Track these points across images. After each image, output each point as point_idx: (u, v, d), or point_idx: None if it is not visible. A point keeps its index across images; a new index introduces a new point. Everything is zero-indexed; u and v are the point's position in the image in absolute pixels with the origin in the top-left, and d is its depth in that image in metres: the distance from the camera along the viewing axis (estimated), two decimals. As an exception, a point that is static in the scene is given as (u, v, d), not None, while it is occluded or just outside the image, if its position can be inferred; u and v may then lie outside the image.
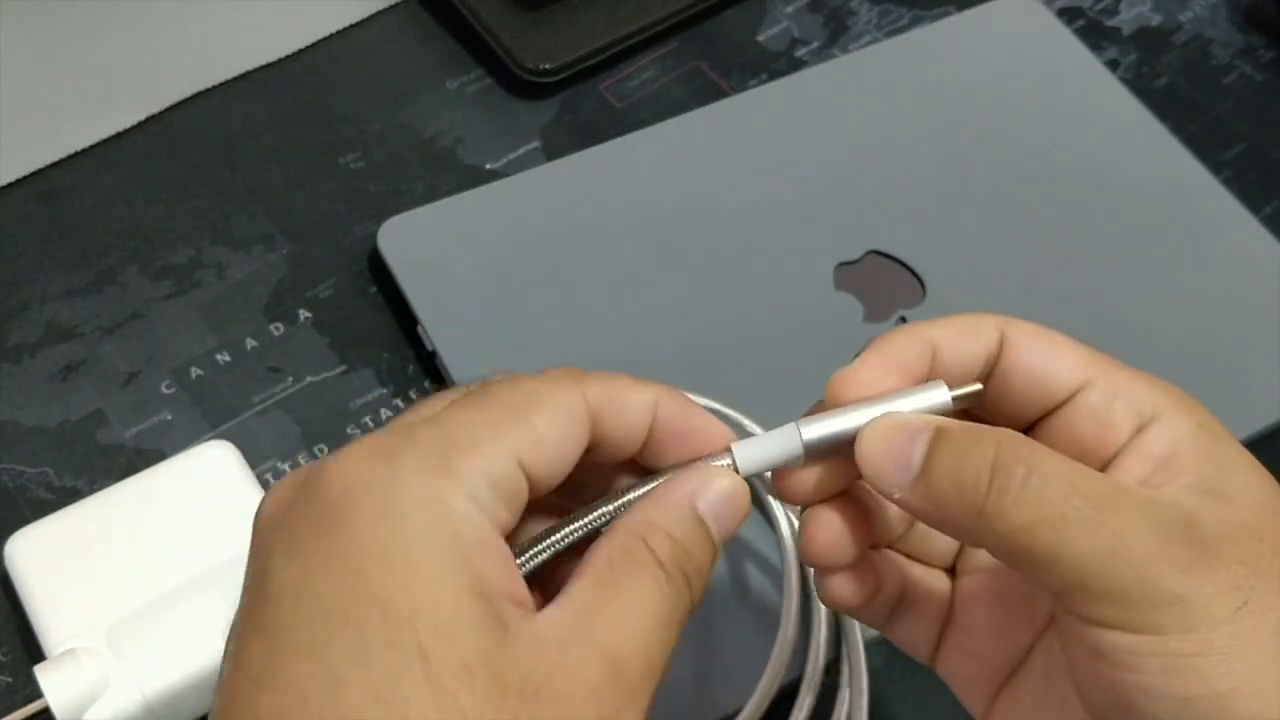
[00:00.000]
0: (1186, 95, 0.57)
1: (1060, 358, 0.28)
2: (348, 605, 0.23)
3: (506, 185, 0.49)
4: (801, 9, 0.58)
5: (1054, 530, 0.24)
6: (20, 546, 0.39)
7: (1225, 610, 0.23)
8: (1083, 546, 0.24)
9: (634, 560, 0.26)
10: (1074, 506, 0.24)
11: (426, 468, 0.25)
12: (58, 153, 0.50)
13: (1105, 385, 0.27)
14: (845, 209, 0.49)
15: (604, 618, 0.25)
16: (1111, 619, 0.24)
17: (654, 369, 0.44)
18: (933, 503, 0.25)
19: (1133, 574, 0.24)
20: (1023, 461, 0.25)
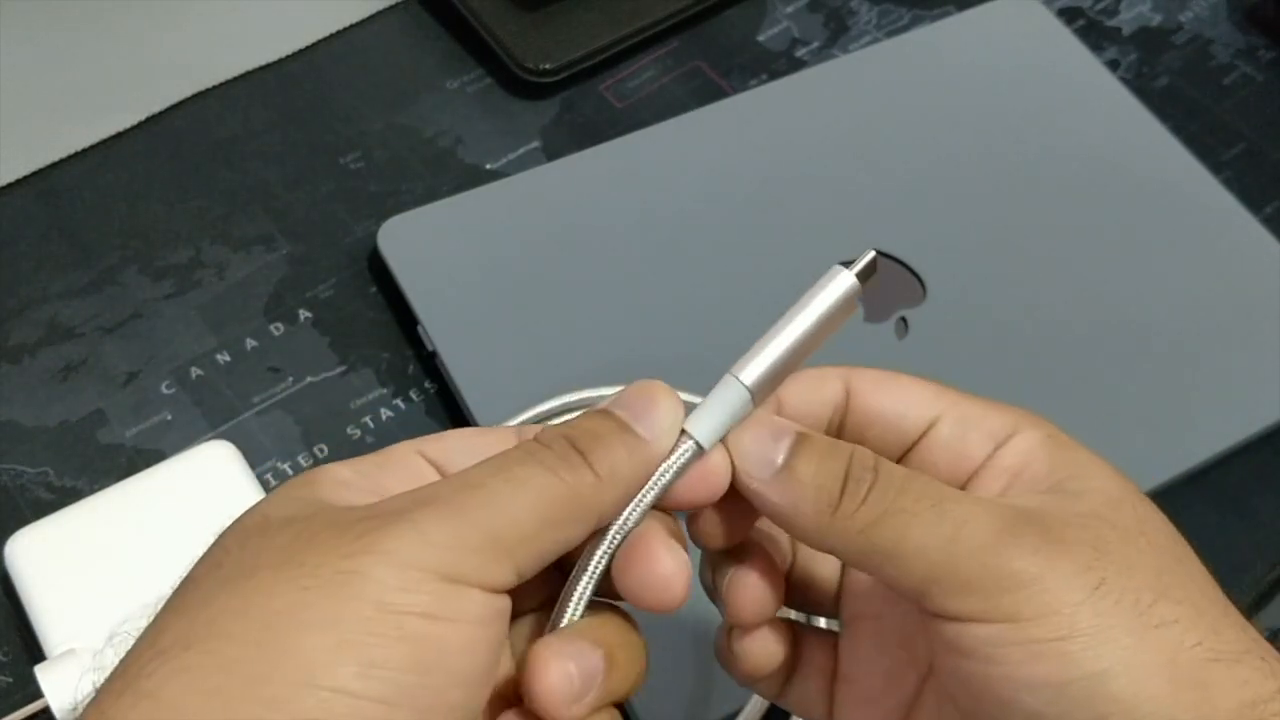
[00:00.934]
0: (1186, 95, 0.57)
1: (907, 398, 0.28)
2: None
3: (506, 185, 0.49)
4: (801, 9, 0.58)
5: (898, 524, 0.25)
6: (20, 546, 0.39)
7: (1082, 591, 0.24)
8: (925, 537, 0.25)
9: (521, 451, 0.26)
10: (912, 500, 0.25)
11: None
12: (58, 153, 0.50)
13: (956, 416, 0.28)
14: (845, 209, 0.49)
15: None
16: (968, 611, 0.24)
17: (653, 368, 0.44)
18: (788, 497, 0.26)
19: (977, 560, 0.24)
20: (870, 469, 0.26)
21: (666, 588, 0.26)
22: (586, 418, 0.27)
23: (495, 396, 0.43)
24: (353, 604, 0.22)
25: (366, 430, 0.45)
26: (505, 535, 0.24)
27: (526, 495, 0.24)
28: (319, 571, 0.22)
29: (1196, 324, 0.47)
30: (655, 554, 0.26)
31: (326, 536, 0.23)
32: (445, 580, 0.23)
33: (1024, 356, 0.46)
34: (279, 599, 0.22)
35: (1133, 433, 0.45)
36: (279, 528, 0.24)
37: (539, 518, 0.24)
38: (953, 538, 0.24)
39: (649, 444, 0.26)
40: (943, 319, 0.47)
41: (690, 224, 0.48)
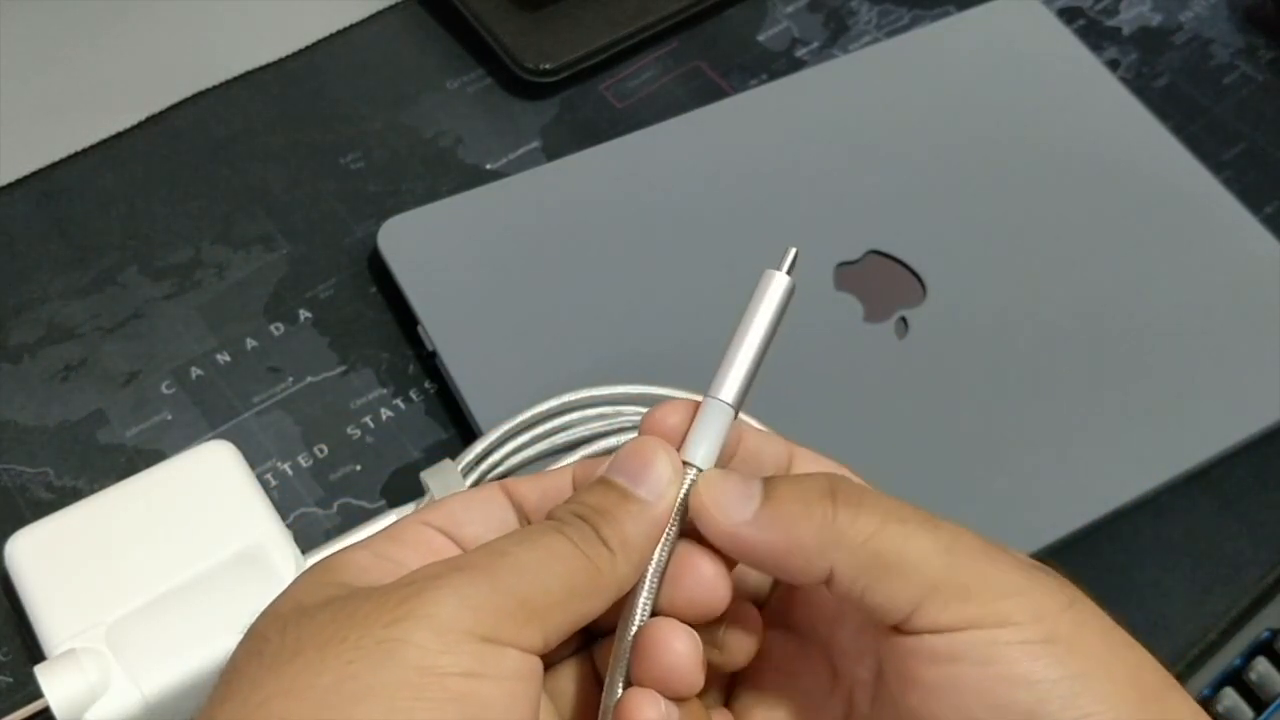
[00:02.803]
0: (1186, 95, 0.57)
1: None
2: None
3: (506, 185, 0.49)
4: (801, 9, 0.58)
5: (899, 532, 0.25)
6: (20, 546, 0.39)
7: (1060, 603, 0.25)
8: (927, 545, 0.25)
9: (536, 528, 0.26)
10: (908, 513, 0.26)
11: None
12: (58, 153, 0.50)
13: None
14: (845, 209, 0.49)
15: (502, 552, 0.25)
16: (965, 618, 0.25)
17: (653, 368, 0.44)
18: (780, 528, 0.26)
19: (976, 568, 0.25)
20: (854, 484, 0.27)
21: (714, 590, 0.27)
22: (590, 492, 0.27)
23: (495, 396, 0.43)
24: (397, 670, 0.23)
25: (366, 430, 0.45)
26: (536, 602, 0.24)
27: (555, 565, 0.25)
28: (362, 643, 0.23)
29: (1196, 324, 0.47)
30: (695, 564, 0.27)
31: (368, 610, 0.23)
32: (484, 641, 0.23)
33: (1024, 356, 0.46)
34: (326, 675, 0.23)
35: (1133, 433, 0.45)
36: (317, 609, 0.24)
37: (566, 587, 0.25)
38: (950, 547, 0.25)
39: (653, 505, 0.27)
40: (943, 319, 0.47)
41: (690, 224, 0.48)
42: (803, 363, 0.45)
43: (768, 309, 0.30)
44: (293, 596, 0.25)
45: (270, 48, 0.54)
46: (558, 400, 0.42)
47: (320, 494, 0.44)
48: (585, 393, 0.42)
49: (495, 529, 0.28)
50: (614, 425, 0.42)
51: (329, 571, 0.26)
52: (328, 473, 0.44)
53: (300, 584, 0.26)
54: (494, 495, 0.28)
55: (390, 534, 0.27)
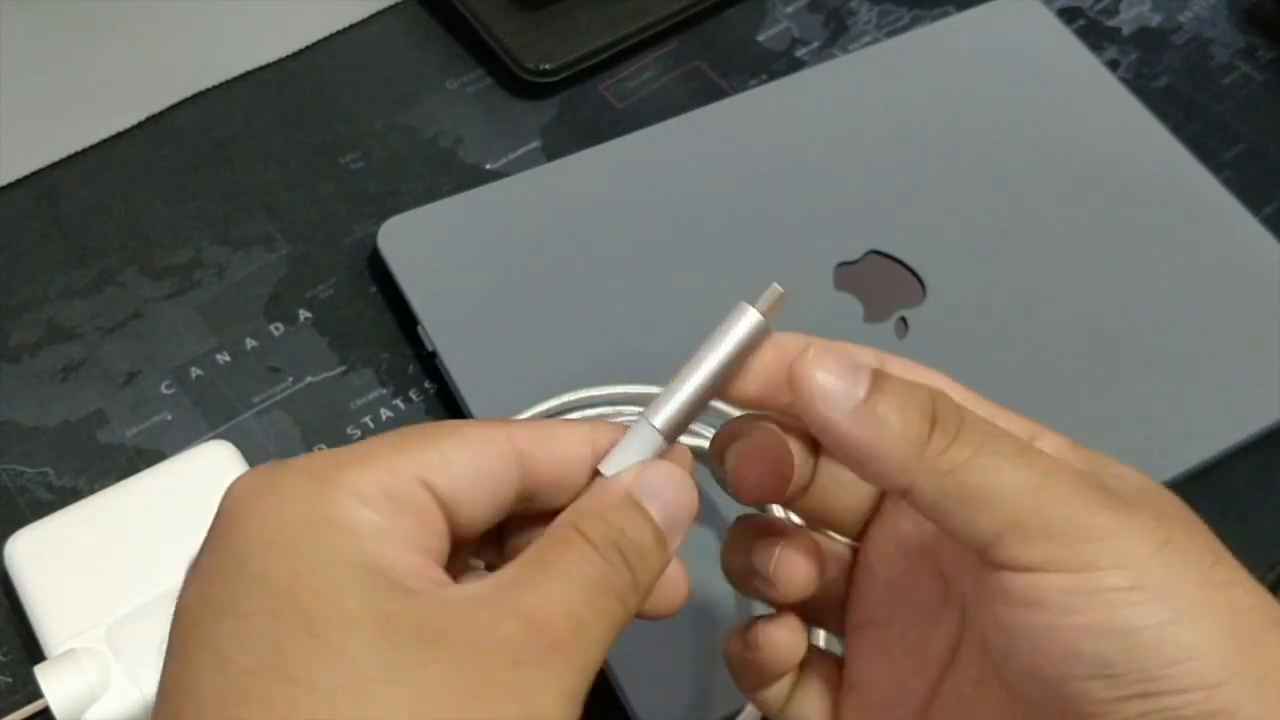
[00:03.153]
0: (1186, 95, 0.57)
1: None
2: (231, 595, 0.24)
3: (506, 185, 0.49)
4: (801, 9, 0.58)
5: (989, 466, 0.25)
6: (20, 546, 0.39)
7: (1150, 546, 0.24)
8: (1015, 481, 0.25)
9: (562, 540, 0.25)
10: (1004, 444, 0.25)
11: (312, 475, 0.25)
12: (58, 153, 0.50)
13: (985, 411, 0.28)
14: (845, 209, 0.49)
15: (523, 584, 0.24)
16: (1045, 559, 0.24)
17: (653, 368, 0.44)
18: (873, 432, 0.26)
19: (1064, 508, 0.25)
20: (956, 409, 0.26)
21: (676, 588, 0.27)
22: (635, 525, 0.26)
23: (495, 396, 0.43)
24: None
25: (366, 430, 0.45)
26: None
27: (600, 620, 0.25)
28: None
29: (1197, 324, 0.47)
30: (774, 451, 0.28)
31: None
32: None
33: (1023, 356, 0.46)
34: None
35: (1133, 433, 0.45)
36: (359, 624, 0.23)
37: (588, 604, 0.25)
38: (1040, 485, 0.25)
39: (671, 553, 0.27)
40: (942, 319, 0.47)
41: (690, 224, 0.48)
42: (803, 363, 0.45)
43: (728, 344, 0.28)
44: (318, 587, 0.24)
45: (270, 48, 0.54)
46: (557, 400, 0.42)
47: (320, 494, 0.44)
48: (584, 393, 0.42)
49: (491, 494, 0.27)
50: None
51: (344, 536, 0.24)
52: (328, 473, 0.44)
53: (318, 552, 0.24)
54: (500, 451, 0.27)
55: (390, 488, 0.25)
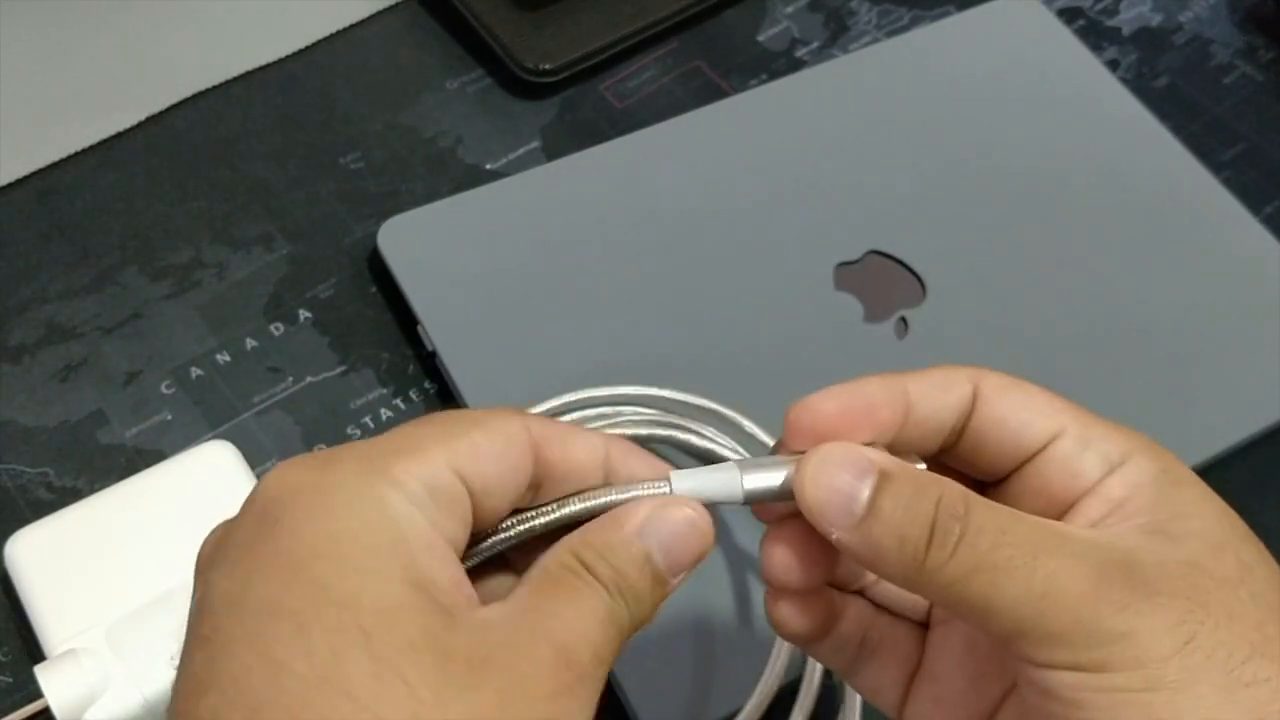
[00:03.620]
0: (1186, 95, 0.57)
1: (1034, 409, 0.28)
2: (284, 596, 0.23)
3: (506, 185, 0.49)
4: (801, 9, 0.58)
5: (986, 580, 0.24)
6: (20, 546, 0.39)
7: (1172, 645, 0.24)
8: (1016, 593, 0.24)
9: (575, 573, 0.26)
10: (1005, 556, 0.24)
11: (362, 471, 0.25)
12: (58, 153, 0.50)
13: (1077, 434, 0.28)
14: (845, 209, 0.49)
15: (550, 612, 0.25)
16: (1056, 660, 0.24)
17: (653, 368, 0.44)
18: (872, 550, 0.26)
19: (1069, 616, 0.24)
20: (959, 518, 0.25)
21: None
22: (636, 572, 0.26)
23: (495, 396, 0.43)
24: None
25: (366, 430, 0.45)
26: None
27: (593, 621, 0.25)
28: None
29: (1196, 324, 0.47)
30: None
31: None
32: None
33: (1023, 357, 0.46)
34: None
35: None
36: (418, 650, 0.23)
37: (604, 641, 0.25)
38: (1044, 594, 0.24)
39: (670, 591, 0.27)
40: (943, 319, 0.47)
41: (690, 224, 0.48)
42: (803, 363, 0.45)
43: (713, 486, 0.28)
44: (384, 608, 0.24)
45: (270, 48, 0.54)
46: (558, 400, 0.42)
47: (320, 494, 0.44)
48: (585, 393, 0.42)
49: (513, 485, 0.27)
50: (613, 424, 0.42)
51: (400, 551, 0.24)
52: (328, 473, 0.44)
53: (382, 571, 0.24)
54: (516, 442, 0.27)
55: (430, 479, 0.25)
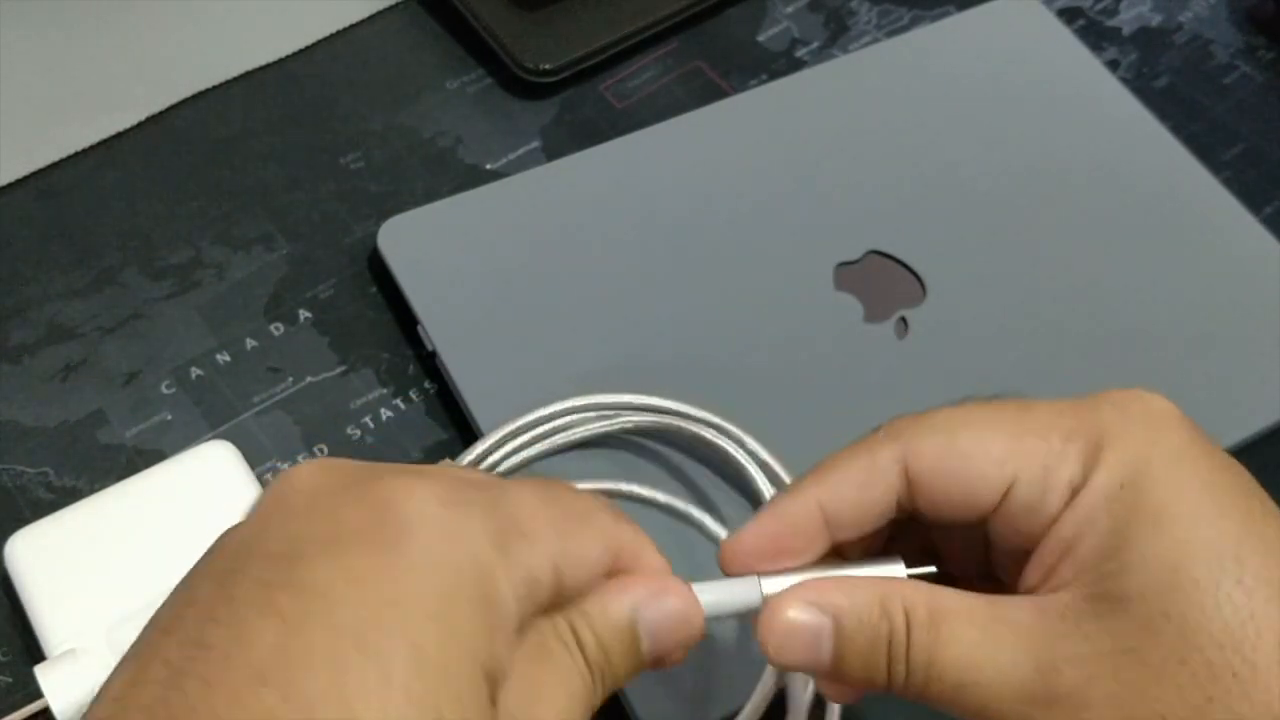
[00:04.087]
0: (1186, 95, 0.57)
1: (975, 471, 0.27)
2: (379, 634, 0.22)
3: (506, 185, 0.49)
4: (801, 9, 0.58)
5: (936, 692, 0.27)
6: (20, 546, 0.39)
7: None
8: (962, 706, 0.26)
9: (567, 648, 0.26)
10: (936, 691, 0.27)
11: (491, 539, 0.24)
12: (58, 153, 0.50)
13: (1031, 476, 0.27)
14: (845, 209, 0.49)
15: (537, 692, 0.25)
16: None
17: (653, 368, 0.44)
18: (848, 682, 0.28)
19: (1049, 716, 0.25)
20: (901, 660, 0.27)
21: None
22: (621, 657, 0.27)
23: (495, 397, 0.43)
24: None
25: (366, 430, 0.45)
26: None
27: (572, 705, 0.26)
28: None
29: (1196, 324, 0.47)
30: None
31: None
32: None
33: (1024, 356, 0.46)
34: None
35: (1133, 433, 0.45)
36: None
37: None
38: (981, 710, 0.26)
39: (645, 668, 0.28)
40: (943, 319, 0.47)
41: (690, 224, 0.48)
42: (803, 363, 0.45)
43: (864, 571, 0.29)
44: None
45: (270, 48, 0.54)
46: (560, 405, 0.42)
47: (320, 494, 0.44)
48: (588, 399, 0.42)
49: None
50: (614, 426, 0.42)
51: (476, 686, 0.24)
52: (328, 473, 0.44)
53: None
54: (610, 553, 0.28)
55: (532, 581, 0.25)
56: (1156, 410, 0.27)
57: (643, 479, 0.42)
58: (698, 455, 0.43)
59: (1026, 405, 0.28)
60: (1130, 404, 0.27)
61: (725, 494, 0.42)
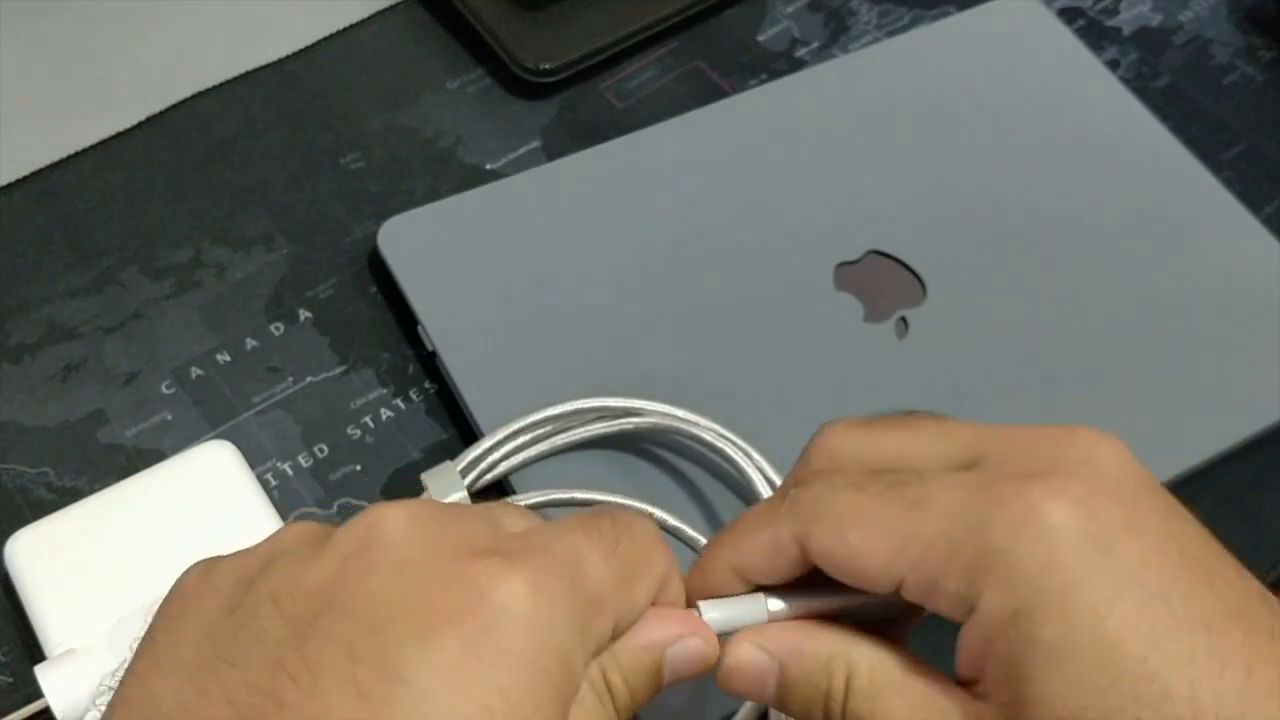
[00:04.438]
0: (1186, 95, 0.57)
1: (863, 567, 0.27)
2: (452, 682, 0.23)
3: (506, 185, 0.49)
4: (801, 9, 0.58)
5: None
6: (20, 546, 0.39)
7: None
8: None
9: (599, 697, 0.27)
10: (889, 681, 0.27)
11: (574, 625, 0.25)
12: (58, 153, 0.50)
13: (917, 583, 0.26)
14: (845, 209, 0.49)
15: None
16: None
17: (653, 367, 0.44)
18: (789, 709, 0.29)
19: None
20: (837, 716, 0.28)
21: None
22: (646, 681, 0.28)
23: (495, 397, 0.43)
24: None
25: (366, 430, 0.45)
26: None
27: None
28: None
29: (1196, 324, 0.47)
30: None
31: None
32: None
33: (1024, 356, 0.46)
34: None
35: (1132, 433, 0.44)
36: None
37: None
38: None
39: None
40: (943, 319, 0.47)
41: (690, 224, 0.48)
42: (803, 363, 0.45)
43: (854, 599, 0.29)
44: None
45: (270, 48, 0.54)
46: (560, 407, 0.42)
47: (320, 494, 0.44)
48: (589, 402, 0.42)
49: None
50: (614, 428, 0.42)
51: None
52: (328, 473, 0.44)
53: None
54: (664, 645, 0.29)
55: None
56: (1072, 494, 0.25)
57: (641, 482, 0.42)
58: (698, 457, 0.43)
59: (922, 500, 0.26)
60: (1044, 490, 0.25)
61: (725, 496, 0.42)
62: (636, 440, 0.43)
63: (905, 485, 0.27)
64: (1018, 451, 0.27)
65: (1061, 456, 0.26)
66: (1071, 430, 0.27)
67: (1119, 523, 0.25)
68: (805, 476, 0.29)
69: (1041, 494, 0.25)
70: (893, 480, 0.27)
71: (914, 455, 0.28)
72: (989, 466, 0.27)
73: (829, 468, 0.29)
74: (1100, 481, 0.26)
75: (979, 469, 0.27)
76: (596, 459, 0.43)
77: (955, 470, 0.27)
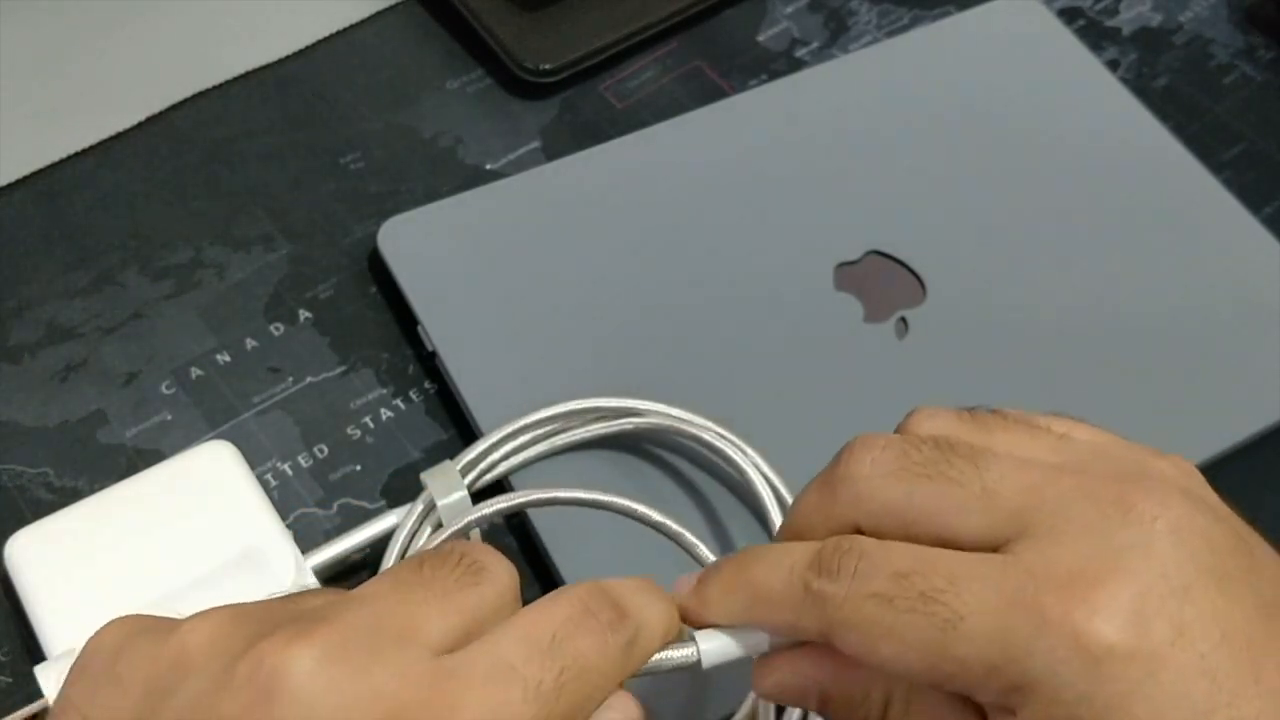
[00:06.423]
0: (1186, 95, 0.57)
1: (898, 668, 0.26)
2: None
3: (506, 185, 0.49)
4: (801, 9, 0.58)
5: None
6: (20, 546, 0.39)
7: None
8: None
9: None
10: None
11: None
12: (58, 153, 0.50)
13: (951, 685, 0.26)
14: (845, 209, 0.49)
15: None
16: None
17: (653, 367, 0.44)
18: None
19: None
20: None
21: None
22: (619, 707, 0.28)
23: (495, 397, 0.43)
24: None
25: (366, 430, 0.45)
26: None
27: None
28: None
29: (1196, 324, 0.47)
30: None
31: None
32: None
33: (1024, 357, 0.46)
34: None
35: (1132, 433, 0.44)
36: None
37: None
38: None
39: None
40: (943, 319, 0.47)
41: (690, 224, 0.48)
42: (803, 363, 0.45)
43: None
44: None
45: (270, 48, 0.54)
46: (560, 408, 0.42)
47: (320, 494, 0.44)
48: (589, 402, 0.42)
49: None
50: (614, 428, 0.42)
51: None
52: (328, 473, 0.44)
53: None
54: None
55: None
56: (1117, 607, 0.24)
57: (640, 482, 0.42)
58: (697, 457, 0.43)
59: (955, 619, 0.25)
60: (1087, 610, 0.24)
61: (724, 496, 0.42)
62: (636, 440, 0.43)
63: (937, 599, 0.25)
64: (1069, 529, 0.26)
65: (1114, 539, 0.25)
66: (1140, 482, 0.27)
67: (1168, 633, 0.24)
68: (831, 514, 0.28)
69: (1084, 616, 0.24)
70: (924, 591, 0.25)
71: (947, 524, 0.27)
72: (1030, 557, 0.25)
73: (853, 512, 0.28)
74: (1157, 574, 0.25)
75: (1018, 559, 0.25)
76: (596, 459, 0.43)
77: (991, 556, 0.26)
